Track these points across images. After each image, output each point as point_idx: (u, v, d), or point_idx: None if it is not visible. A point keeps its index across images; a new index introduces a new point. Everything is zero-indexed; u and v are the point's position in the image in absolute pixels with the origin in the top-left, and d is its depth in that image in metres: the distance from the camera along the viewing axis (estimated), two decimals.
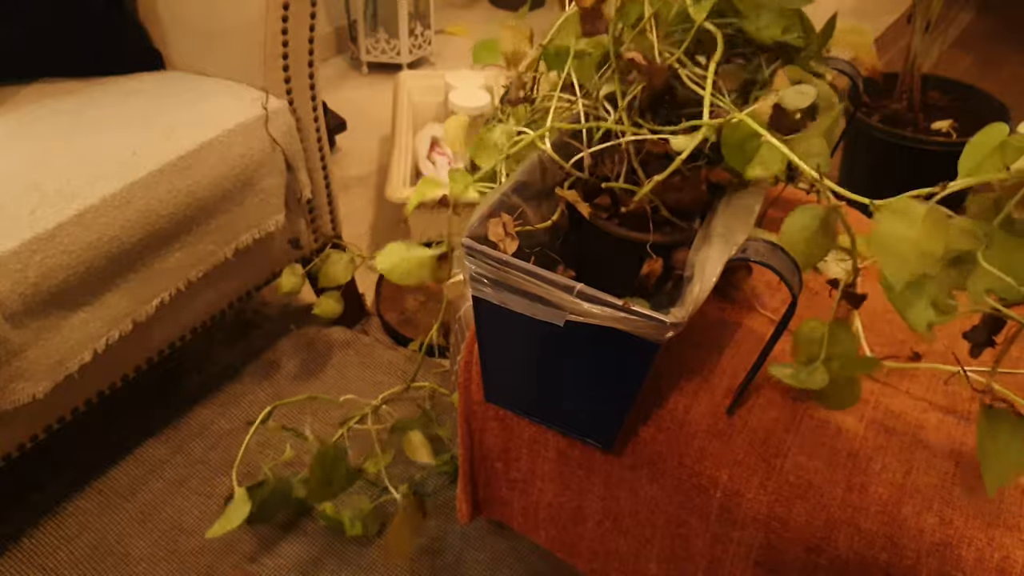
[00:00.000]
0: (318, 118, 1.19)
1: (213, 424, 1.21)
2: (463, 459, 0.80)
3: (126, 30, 1.15)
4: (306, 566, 1.03)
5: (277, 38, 1.07)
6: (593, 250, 0.68)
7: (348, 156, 1.90)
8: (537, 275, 0.55)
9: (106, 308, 0.96)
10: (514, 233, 0.60)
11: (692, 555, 0.69)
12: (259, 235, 1.13)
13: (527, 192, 0.65)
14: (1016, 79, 2.15)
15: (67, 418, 1.01)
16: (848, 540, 0.59)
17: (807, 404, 0.64)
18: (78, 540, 1.05)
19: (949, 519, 0.57)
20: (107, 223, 0.91)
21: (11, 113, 1.01)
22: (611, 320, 0.54)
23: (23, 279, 0.85)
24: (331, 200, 1.28)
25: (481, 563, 1.03)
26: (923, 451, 0.61)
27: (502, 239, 0.59)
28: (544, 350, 0.63)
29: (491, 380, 0.71)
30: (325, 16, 2.28)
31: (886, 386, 0.65)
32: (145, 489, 1.12)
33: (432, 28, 2.26)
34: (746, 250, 0.56)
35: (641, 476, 0.68)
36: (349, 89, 2.20)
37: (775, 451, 0.62)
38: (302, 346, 1.35)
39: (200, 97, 1.07)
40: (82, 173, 0.91)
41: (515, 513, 0.82)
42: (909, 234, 0.49)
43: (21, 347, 0.87)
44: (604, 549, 0.76)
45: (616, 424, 0.65)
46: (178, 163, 0.98)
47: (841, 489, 0.60)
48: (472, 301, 0.62)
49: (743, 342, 0.70)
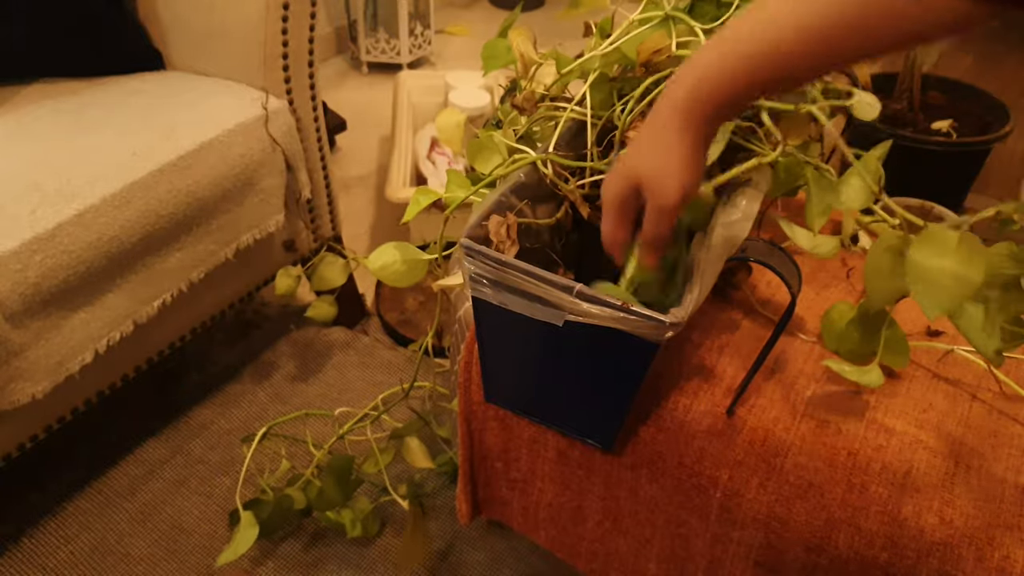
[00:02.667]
0: (318, 118, 1.19)
1: (213, 424, 1.21)
2: (463, 459, 0.80)
3: (126, 30, 1.15)
4: (306, 566, 1.03)
5: (277, 38, 1.07)
6: (593, 251, 0.68)
7: (348, 156, 1.90)
8: (536, 275, 0.55)
9: (107, 308, 0.96)
10: (515, 237, 0.60)
11: (692, 555, 0.69)
12: (259, 235, 1.13)
13: (526, 193, 0.65)
14: (1016, 79, 2.15)
15: (67, 418, 1.01)
16: (848, 540, 0.59)
17: (807, 404, 0.64)
18: (78, 540, 1.05)
19: (949, 519, 0.57)
20: (107, 223, 0.91)
21: (11, 113, 1.01)
22: (610, 320, 0.54)
23: (23, 279, 0.85)
24: (331, 200, 1.28)
25: (481, 563, 1.03)
26: (923, 451, 0.61)
27: (503, 241, 0.59)
28: (544, 350, 0.63)
29: (491, 380, 0.71)
30: (325, 16, 2.28)
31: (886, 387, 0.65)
32: (145, 489, 1.12)
33: (432, 28, 2.26)
34: (746, 250, 0.56)
35: (641, 476, 0.68)
36: (349, 89, 2.20)
37: (775, 451, 0.62)
38: (302, 346, 1.35)
39: (200, 97, 1.07)
40: (82, 173, 0.91)
41: (515, 513, 0.82)
42: (944, 264, 0.49)
43: (21, 347, 0.87)
44: (604, 549, 0.76)
45: (616, 424, 0.65)
46: (178, 163, 0.98)
47: (841, 489, 0.60)
48: (472, 301, 0.62)
49: (743, 342, 0.70)
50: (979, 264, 0.48)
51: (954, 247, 0.49)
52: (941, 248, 0.50)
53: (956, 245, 0.49)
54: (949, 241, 0.49)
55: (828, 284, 0.76)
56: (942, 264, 0.49)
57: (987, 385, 0.66)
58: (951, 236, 0.49)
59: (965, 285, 0.49)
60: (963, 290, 0.49)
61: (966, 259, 0.49)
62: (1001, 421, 0.63)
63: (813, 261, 0.78)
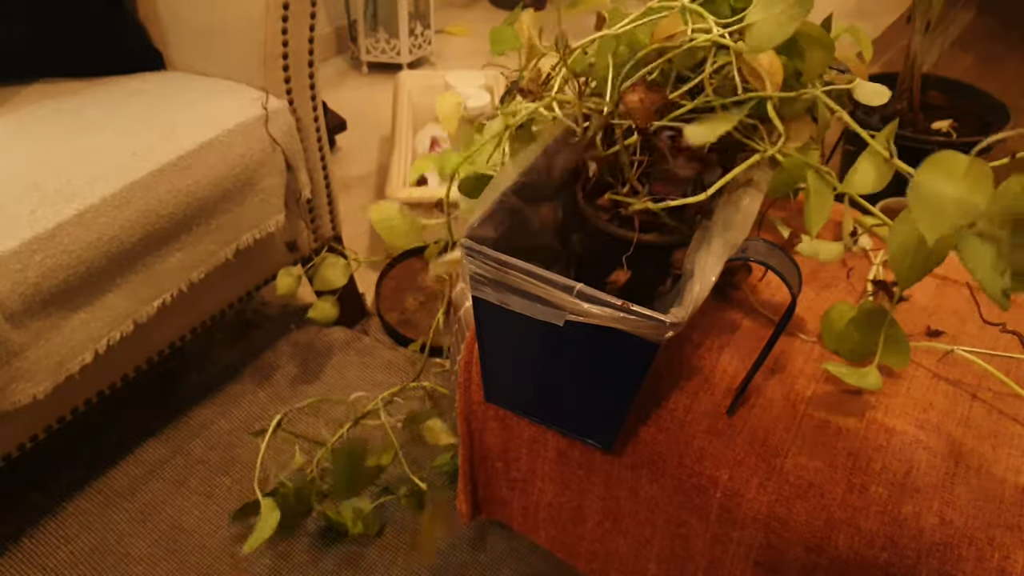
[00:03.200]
0: (318, 118, 1.19)
1: (213, 424, 1.21)
2: (463, 459, 0.80)
3: (126, 30, 1.15)
4: (306, 566, 1.03)
5: (277, 38, 1.07)
6: (594, 250, 0.68)
7: (348, 156, 1.90)
8: (536, 275, 0.55)
9: (107, 308, 0.96)
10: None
11: (692, 555, 0.69)
12: (259, 235, 1.13)
13: (527, 194, 0.65)
14: (1016, 79, 2.15)
15: (67, 418, 1.01)
16: (848, 540, 0.59)
17: (807, 404, 0.64)
18: (78, 540, 1.05)
19: (949, 519, 0.57)
20: (107, 223, 0.91)
21: (11, 113, 1.01)
22: (610, 320, 0.54)
23: (23, 279, 0.85)
24: (331, 200, 1.28)
25: (481, 563, 1.03)
26: (923, 451, 0.61)
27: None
28: (544, 350, 0.63)
29: (491, 380, 0.71)
30: (325, 16, 2.28)
31: (886, 387, 0.65)
32: (145, 489, 1.12)
33: (432, 28, 2.26)
34: (746, 250, 0.56)
35: (641, 476, 0.68)
36: (349, 89, 2.20)
37: (775, 451, 0.62)
38: (302, 346, 1.35)
39: (200, 97, 1.07)
40: (82, 173, 0.91)
41: (515, 513, 0.82)
42: (948, 188, 0.48)
43: (21, 347, 0.87)
44: (604, 549, 0.76)
45: (616, 424, 0.65)
46: (178, 163, 0.98)
47: (841, 489, 0.60)
48: (472, 301, 0.62)
49: (743, 342, 0.70)
50: (985, 190, 0.47)
51: (962, 173, 0.48)
52: (948, 172, 0.48)
53: (964, 170, 0.47)
54: (958, 166, 0.48)
55: (828, 284, 0.76)
56: (946, 188, 0.48)
57: (987, 385, 0.66)
58: (960, 160, 0.48)
59: (967, 210, 0.47)
60: (964, 215, 0.47)
61: (972, 185, 0.47)
62: (1001, 421, 0.63)
63: (813, 261, 0.78)
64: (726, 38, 0.58)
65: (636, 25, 0.62)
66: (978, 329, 0.70)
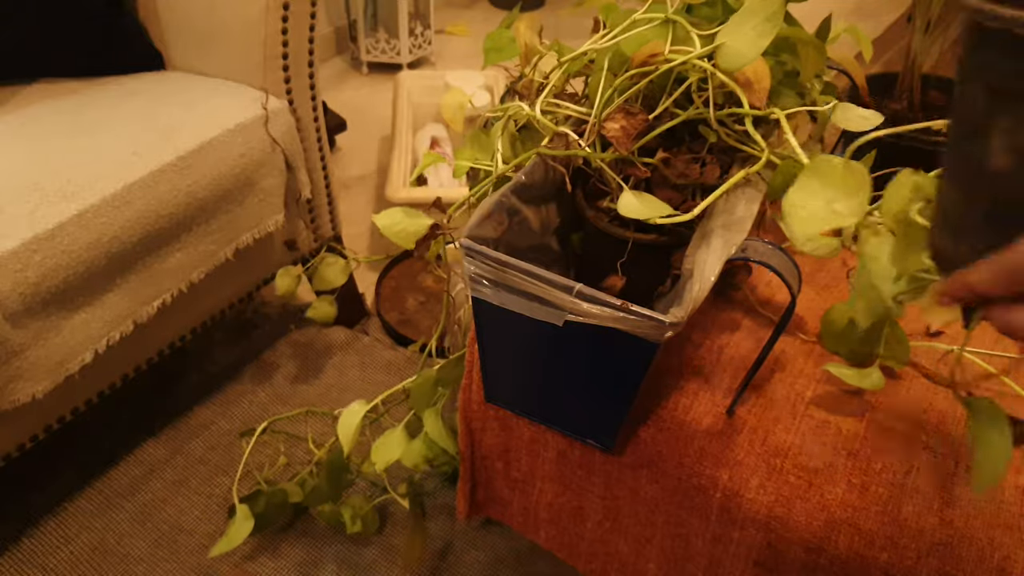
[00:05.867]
0: (318, 118, 1.19)
1: (213, 424, 1.21)
2: (463, 459, 0.80)
3: (126, 30, 1.15)
4: (306, 566, 1.03)
5: (277, 38, 1.07)
6: (594, 251, 0.68)
7: (348, 156, 1.90)
8: (536, 275, 0.55)
9: (107, 308, 0.96)
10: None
11: (692, 555, 0.69)
12: (259, 235, 1.13)
13: (527, 194, 0.65)
14: None
15: (67, 418, 1.01)
16: (848, 540, 0.59)
17: (807, 404, 0.64)
18: (78, 540, 1.05)
19: (949, 519, 0.57)
20: (107, 223, 0.91)
21: (11, 113, 1.01)
22: (610, 320, 0.54)
23: (23, 279, 0.85)
24: (331, 200, 1.28)
25: (481, 563, 1.03)
26: (923, 451, 0.61)
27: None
28: (544, 350, 0.63)
29: (491, 380, 0.71)
30: (325, 16, 2.28)
31: (887, 387, 0.65)
32: (145, 489, 1.12)
33: (432, 28, 2.26)
34: (746, 250, 0.56)
35: (641, 476, 0.68)
36: (349, 89, 2.20)
37: (775, 451, 0.62)
38: (302, 346, 1.35)
39: (200, 97, 1.07)
40: (82, 173, 0.91)
41: (515, 513, 0.82)
42: (824, 191, 0.48)
43: (21, 347, 0.87)
44: (604, 549, 0.76)
45: (616, 424, 0.65)
46: (178, 163, 0.98)
47: (841, 489, 0.60)
48: (472, 301, 0.62)
49: (743, 342, 0.70)
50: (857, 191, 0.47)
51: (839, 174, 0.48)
52: (823, 175, 0.48)
53: (840, 172, 0.48)
54: (833, 167, 0.48)
55: (828, 284, 0.76)
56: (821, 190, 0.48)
57: (987, 385, 0.66)
58: (836, 162, 0.48)
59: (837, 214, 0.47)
60: (835, 219, 0.47)
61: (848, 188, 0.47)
62: None
63: (813, 261, 0.78)
64: (703, 61, 0.58)
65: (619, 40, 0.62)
66: (978, 329, 0.70)
